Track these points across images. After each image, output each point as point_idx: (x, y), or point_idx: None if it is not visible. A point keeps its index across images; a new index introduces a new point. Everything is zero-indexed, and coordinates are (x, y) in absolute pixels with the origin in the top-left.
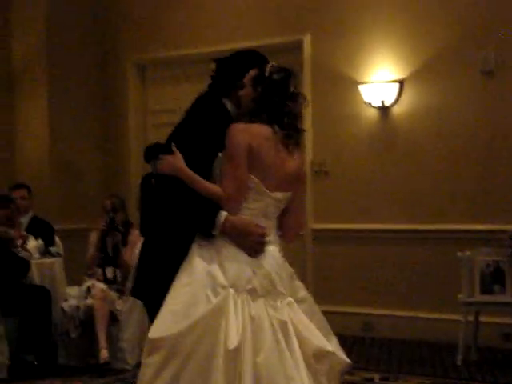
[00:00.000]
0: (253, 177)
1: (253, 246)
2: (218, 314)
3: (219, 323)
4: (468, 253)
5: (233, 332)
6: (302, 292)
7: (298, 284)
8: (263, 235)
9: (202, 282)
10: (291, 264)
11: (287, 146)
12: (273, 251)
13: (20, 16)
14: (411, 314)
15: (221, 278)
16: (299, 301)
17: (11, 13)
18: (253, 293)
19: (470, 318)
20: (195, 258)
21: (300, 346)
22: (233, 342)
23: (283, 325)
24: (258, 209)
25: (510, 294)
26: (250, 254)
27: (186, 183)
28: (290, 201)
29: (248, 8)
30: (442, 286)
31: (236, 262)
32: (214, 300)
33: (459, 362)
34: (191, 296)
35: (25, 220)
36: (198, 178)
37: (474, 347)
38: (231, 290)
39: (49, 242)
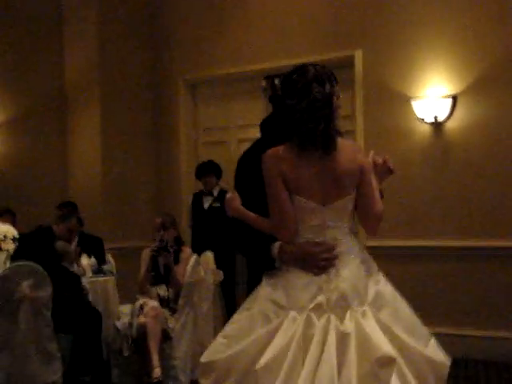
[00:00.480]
0: (299, 198)
1: (315, 264)
2: (271, 335)
3: (269, 344)
4: None
5: (267, 352)
6: (386, 293)
7: (382, 286)
8: (325, 251)
9: (263, 307)
10: None
11: (318, 150)
12: (347, 261)
13: (72, 33)
14: (468, 332)
15: (283, 301)
16: (379, 306)
17: (63, 34)
18: (317, 310)
19: None
20: (262, 285)
21: (365, 354)
22: (260, 363)
23: (342, 336)
24: (314, 226)
25: None
26: (316, 273)
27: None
28: (359, 195)
29: (299, 25)
30: (508, 303)
31: (299, 283)
32: (273, 322)
33: None
34: (248, 321)
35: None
36: (251, 215)
37: None
38: (291, 312)
39: (100, 257)
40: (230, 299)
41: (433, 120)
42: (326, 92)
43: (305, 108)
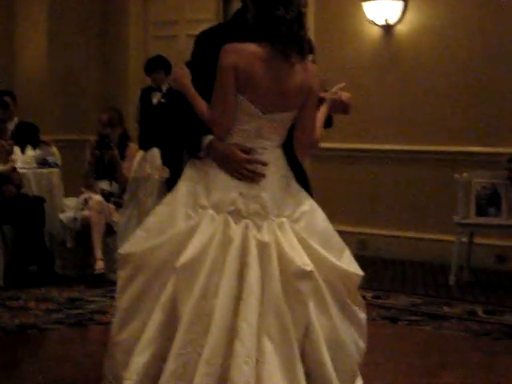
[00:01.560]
0: (242, 98)
1: (238, 170)
2: (190, 232)
3: (188, 241)
4: (465, 175)
5: (188, 250)
6: (304, 207)
7: (302, 198)
8: (252, 161)
9: (183, 201)
10: None
11: (287, 59)
12: (270, 171)
13: None
14: (406, 233)
15: (202, 199)
16: (297, 219)
17: None
18: (235, 214)
19: (464, 240)
20: (183, 179)
21: (282, 267)
22: (181, 261)
23: (262, 246)
24: (251, 130)
25: (505, 217)
26: (238, 178)
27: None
28: (300, 117)
29: None
30: (438, 207)
31: (221, 185)
32: (193, 219)
33: (451, 282)
34: (168, 214)
35: (10, 126)
36: (197, 98)
37: (466, 268)
38: (210, 211)
39: (34, 143)
40: None
41: (384, 23)
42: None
43: (293, 19)
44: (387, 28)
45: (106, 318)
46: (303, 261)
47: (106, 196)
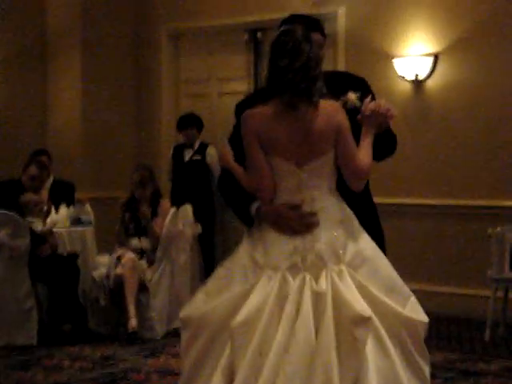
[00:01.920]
0: (273, 158)
1: (293, 227)
2: (246, 293)
3: (244, 302)
4: (499, 229)
5: (242, 310)
6: (367, 252)
7: (364, 243)
8: (301, 217)
9: (241, 263)
10: None
11: (296, 109)
12: (324, 219)
13: None
14: (441, 289)
15: (260, 260)
16: (357, 265)
17: None
18: (293, 269)
19: (500, 295)
20: (242, 242)
21: (340, 314)
22: (236, 320)
23: (318, 296)
24: (292, 187)
25: None
26: (292, 234)
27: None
28: (338, 154)
29: None
30: (473, 261)
31: (277, 243)
32: (250, 280)
33: (487, 338)
34: (226, 277)
35: (47, 185)
36: (239, 171)
37: (502, 324)
38: (268, 271)
39: (70, 203)
40: (208, 252)
41: (413, 78)
42: (315, 50)
43: (298, 68)
44: (417, 83)
45: (140, 377)
46: (361, 306)
47: (139, 253)
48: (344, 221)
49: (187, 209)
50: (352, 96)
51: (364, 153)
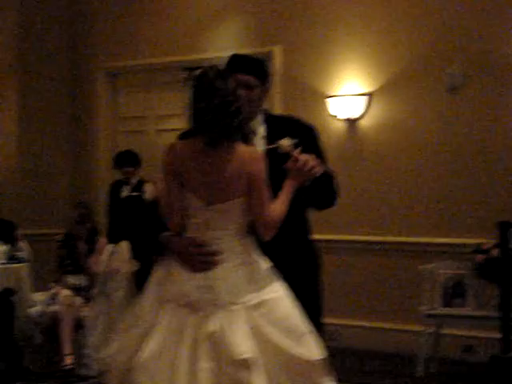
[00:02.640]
0: (186, 192)
1: (190, 263)
2: (150, 329)
3: (147, 339)
4: (430, 265)
5: (145, 348)
6: (268, 293)
7: (268, 284)
8: (203, 253)
9: (150, 297)
10: None
11: (215, 149)
12: (226, 261)
13: None
14: (373, 324)
15: (166, 293)
16: (255, 305)
17: None
18: (190, 306)
19: (432, 330)
20: (151, 275)
21: (224, 355)
22: (136, 361)
23: (209, 335)
24: (201, 223)
25: (471, 307)
26: (193, 271)
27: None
28: (249, 203)
29: (219, 19)
30: (405, 297)
31: (180, 278)
32: (155, 315)
33: (420, 374)
34: (134, 314)
35: None
36: (160, 200)
37: (434, 359)
38: (171, 305)
39: (11, 242)
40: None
41: (347, 117)
42: (231, 86)
43: (215, 108)
44: (351, 122)
45: None
46: (241, 349)
47: (75, 290)
48: (247, 263)
49: (124, 246)
50: (285, 142)
51: (279, 202)
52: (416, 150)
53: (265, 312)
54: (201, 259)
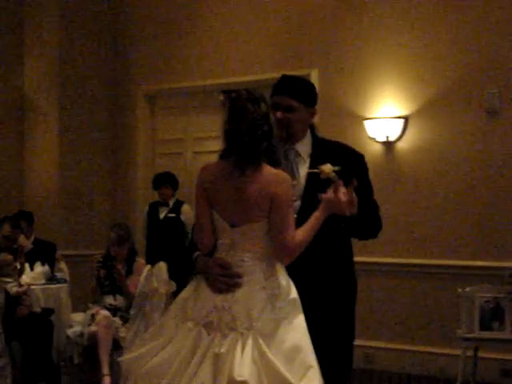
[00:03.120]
0: (215, 213)
1: (213, 283)
2: (165, 343)
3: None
4: (468, 289)
5: (154, 359)
6: (282, 322)
7: (284, 313)
8: (226, 275)
9: (174, 313)
10: None
11: (242, 171)
12: (247, 284)
13: (33, 45)
14: (411, 347)
15: (189, 311)
16: (267, 333)
17: (24, 42)
18: (209, 326)
19: (469, 354)
20: (184, 290)
21: (222, 372)
22: (144, 367)
23: (217, 357)
24: (227, 244)
25: (508, 331)
26: (215, 291)
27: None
28: (270, 225)
29: (257, 42)
30: (443, 320)
31: (203, 297)
32: (174, 331)
33: None
34: (160, 326)
35: (28, 245)
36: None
37: (472, 382)
38: (189, 323)
39: (52, 263)
40: None
41: (384, 139)
42: (262, 110)
43: (244, 131)
44: (388, 145)
45: None
46: (242, 371)
47: (113, 311)
48: (267, 288)
49: (162, 267)
50: (326, 168)
51: (303, 229)
52: (453, 173)
53: (275, 341)
54: (223, 281)
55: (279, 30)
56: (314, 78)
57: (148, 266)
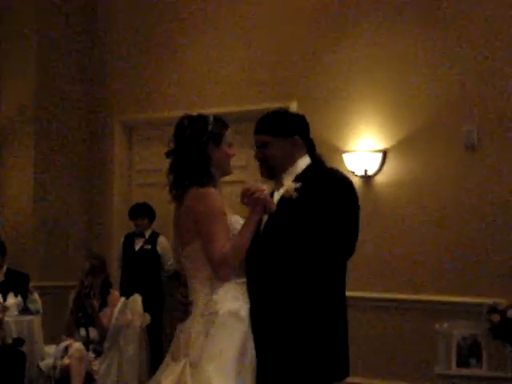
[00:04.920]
0: None
1: (178, 313)
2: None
3: None
4: (446, 325)
5: None
6: (207, 353)
7: (214, 344)
8: (180, 303)
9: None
10: None
11: (180, 195)
12: (193, 311)
13: (9, 70)
14: (387, 383)
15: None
16: (193, 364)
17: (0, 70)
18: (172, 356)
19: None
20: None
21: None
22: None
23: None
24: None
25: (486, 368)
26: (177, 320)
27: None
28: (201, 241)
29: (236, 73)
30: (420, 356)
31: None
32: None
33: None
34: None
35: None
36: None
37: None
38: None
39: (24, 294)
40: (157, 343)
41: (363, 173)
42: (194, 136)
43: (176, 153)
44: (367, 178)
45: None
46: None
47: (86, 344)
48: (204, 315)
49: (136, 299)
50: (290, 186)
51: (235, 239)
52: (432, 208)
53: (198, 370)
54: (179, 309)
55: (259, 62)
56: (293, 110)
57: (122, 299)
